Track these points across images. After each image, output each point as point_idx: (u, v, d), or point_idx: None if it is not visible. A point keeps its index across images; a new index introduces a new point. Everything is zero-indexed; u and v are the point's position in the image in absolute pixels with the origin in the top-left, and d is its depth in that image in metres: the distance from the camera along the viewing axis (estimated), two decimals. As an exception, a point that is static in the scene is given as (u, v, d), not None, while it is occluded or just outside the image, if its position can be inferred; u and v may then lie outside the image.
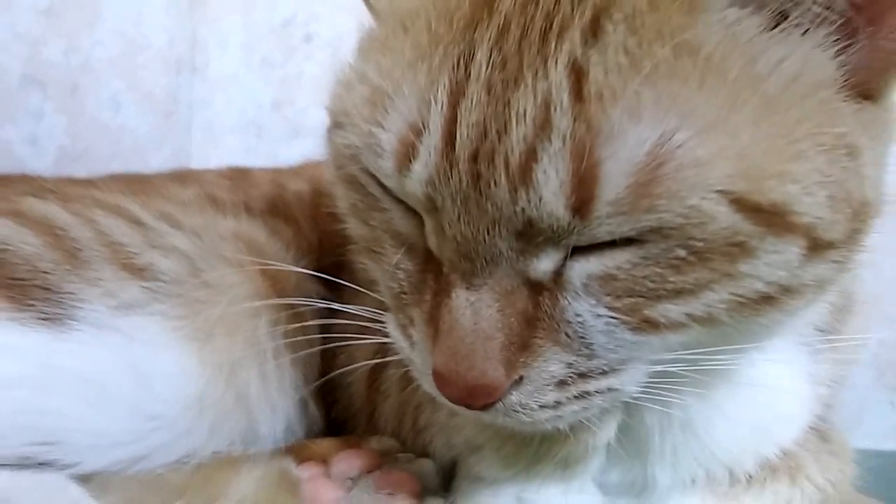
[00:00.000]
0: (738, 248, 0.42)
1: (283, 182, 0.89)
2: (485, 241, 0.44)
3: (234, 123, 1.31)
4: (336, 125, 0.51)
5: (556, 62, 0.42)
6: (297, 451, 0.65)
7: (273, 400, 0.66)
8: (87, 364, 0.59)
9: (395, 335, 0.52)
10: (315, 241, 0.80)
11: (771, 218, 0.42)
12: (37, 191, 0.71)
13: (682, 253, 0.42)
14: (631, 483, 0.61)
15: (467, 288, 0.45)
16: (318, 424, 0.71)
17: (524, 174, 0.42)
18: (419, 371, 0.50)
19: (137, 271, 0.65)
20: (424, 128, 0.44)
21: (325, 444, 0.65)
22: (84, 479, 0.58)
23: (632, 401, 0.50)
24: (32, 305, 0.58)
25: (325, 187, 0.85)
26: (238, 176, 0.91)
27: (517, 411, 0.46)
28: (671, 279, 0.43)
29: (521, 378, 0.45)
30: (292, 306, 0.67)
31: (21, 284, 0.59)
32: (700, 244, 0.42)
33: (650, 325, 0.45)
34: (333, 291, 0.69)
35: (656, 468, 0.60)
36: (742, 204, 0.41)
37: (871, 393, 1.19)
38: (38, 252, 0.61)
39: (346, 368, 0.69)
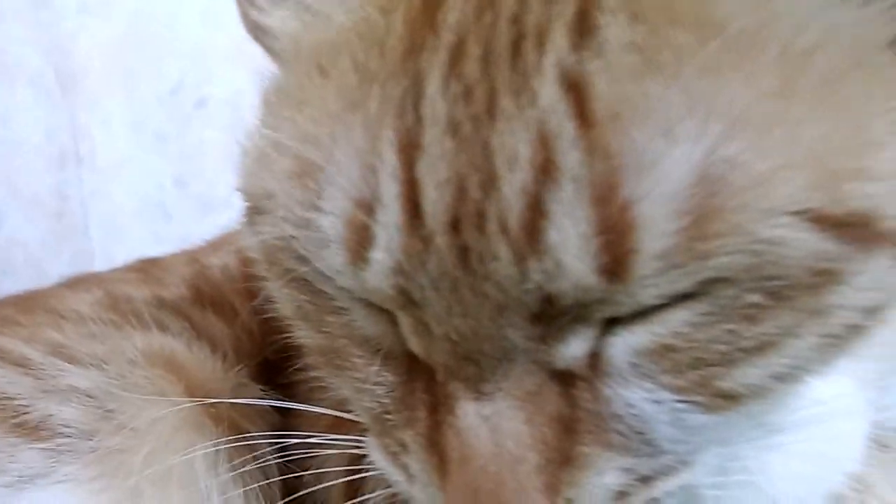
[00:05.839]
0: (824, 277, 0.32)
1: (201, 258, 0.75)
2: (490, 334, 0.33)
3: (136, 210, 1.17)
4: (256, 211, 0.40)
5: (543, 77, 0.31)
6: None
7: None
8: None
9: (383, 465, 0.40)
10: (254, 326, 0.67)
11: (855, 231, 0.32)
12: None
13: (756, 298, 0.32)
14: None
15: (476, 399, 0.34)
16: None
17: (531, 237, 0.31)
18: None
19: (31, 430, 0.51)
20: (376, 201, 0.33)
21: None
22: None
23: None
24: None
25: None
26: (146, 266, 0.78)
27: None
28: (746, 334, 0.33)
29: (568, 502, 0.34)
30: (236, 427, 0.54)
31: None
32: (778, 283, 0.32)
33: (728, 400, 0.34)
34: (285, 389, 0.57)
35: None
36: (822, 221, 0.31)
37: None
38: None
39: (314, 488, 0.56)
